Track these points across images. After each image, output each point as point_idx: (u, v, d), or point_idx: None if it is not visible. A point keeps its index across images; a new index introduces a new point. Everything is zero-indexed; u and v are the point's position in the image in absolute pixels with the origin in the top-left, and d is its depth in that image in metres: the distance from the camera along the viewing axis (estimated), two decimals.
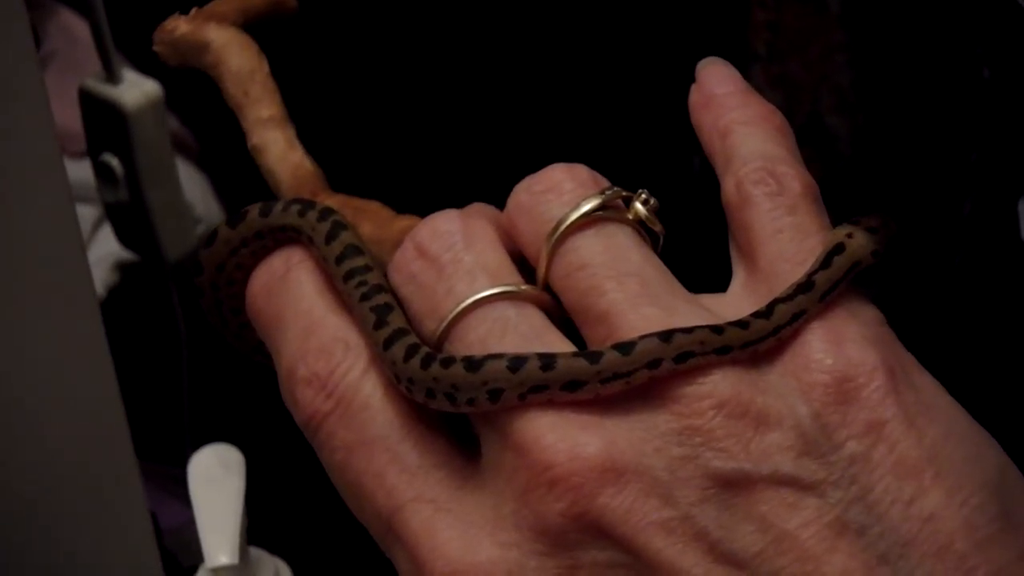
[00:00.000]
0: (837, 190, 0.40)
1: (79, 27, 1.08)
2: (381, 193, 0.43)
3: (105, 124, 0.88)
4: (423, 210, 0.39)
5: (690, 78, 0.43)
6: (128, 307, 1.03)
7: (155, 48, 0.46)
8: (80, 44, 1.05)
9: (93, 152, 0.91)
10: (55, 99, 0.60)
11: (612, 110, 1.01)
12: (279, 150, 0.43)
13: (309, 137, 0.44)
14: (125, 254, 0.99)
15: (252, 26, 0.45)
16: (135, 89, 0.87)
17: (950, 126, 0.92)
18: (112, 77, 0.86)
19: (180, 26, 0.45)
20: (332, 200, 0.43)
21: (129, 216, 0.91)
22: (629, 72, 1.00)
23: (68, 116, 0.88)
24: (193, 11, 0.46)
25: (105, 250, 1.04)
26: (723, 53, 0.43)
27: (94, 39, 0.85)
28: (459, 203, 0.40)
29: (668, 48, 0.96)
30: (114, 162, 0.89)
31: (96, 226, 1.05)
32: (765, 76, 0.95)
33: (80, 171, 0.93)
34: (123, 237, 0.95)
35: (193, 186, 1.05)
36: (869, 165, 0.95)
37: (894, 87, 0.95)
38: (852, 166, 0.95)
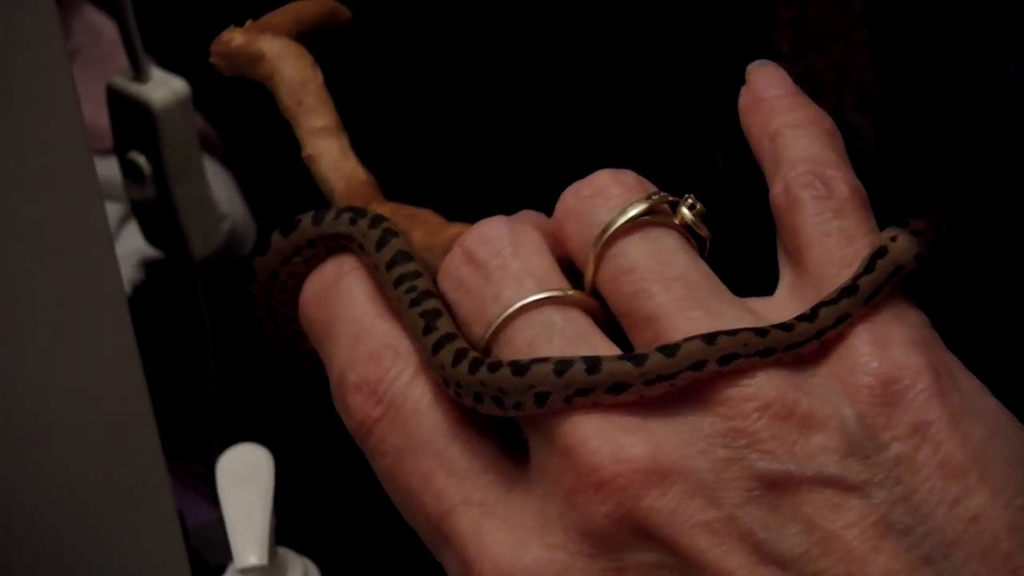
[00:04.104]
0: None
1: (103, 24, 1.09)
2: (434, 200, 0.43)
3: (133, 122, 0.88)
4: (475, 217, 0.39)
5: (714, 76, 0.43)
6: (153, 304, 1.03)
7: (211, 60, 0.46)
8: (104, 41, 1.05)
9: (120, 150, 0.91)
10: (80, 96, 0.60)
11: (637, 108, 1.01)
12: (333, 159, 0.43)
13: (363, 146, 0.44)
14: (150, 251, 0.99)
15: (306, 37, 0.45)
16: (163, 87, 0.87)
17: (975, 123, 0.92)
18: (140, 75, 0.87)
19: (235, 38, 0.45)
20: (384, 208, 0.43)
21: (156, 214, 0.92)
22: (654, 70, 1.00)
23: (92, 113, 0.88)
24: (248, 23, 0.46)
25: (130, 247, 1.04)
26: (746, 51, 0.43)
27: (122, 38, 0.86)
28: (509, 208, 0.40)
29: (692, 46, 0.96)
30: (141, 160, 0.89)
31: (122, 223, 1.05)
32: (789, 74, 0.94)
33: (105, 168, 0.93)
34: (150, 234, 0.95)
35: (218, 184, 1.06)
36: (893, 162, 0.95)
37: (918, 84, 0.95)
38: (876, 163, 0.95)
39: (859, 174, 0.40)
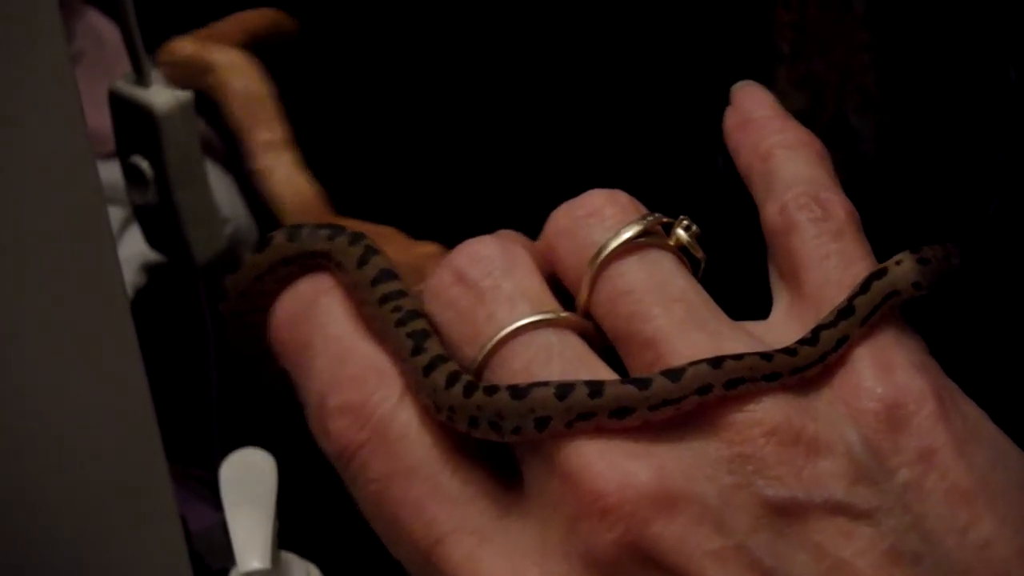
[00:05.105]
0: (861, 191, 0.40)
1: (106, 28, 1.08)
2: (386, 216, 0.43)
3: (135, 126, 0.88)
4: (432, 233, 0.39)
5: (714, 79, 0.43)
6: (155, 308, 1.03)
7: (158, 68, 0.45)
8: (107, 45, 1.05)
9: (122, 154, 0.91)
10: (82, 100, 0.60)
11: (638, 110, 1.01)
12: (284, 173, 0.42)
13: (314, 161, 0.43)
14: (152, 255, 0.99)
15: (257, 49, 0.44)
16: (165, 92, 0.87)
17: (976, 126, 0.92)
18: (142, 80, 0.86)
19: (186, 47, 0.45)
20: (344, 225, 0.42)
21: (158, 218, 0.92)
22: (655, 72, 1.00)
23: (95, 117, 0.88)
24: (196, 32, 0.45)
25: (132, 251, 1.04)
26: (748, 54, 0.43)
27: (124, 42, 0.85)
28: (471, 224, 0.39)
29: (694, 48, 0.96)
30: (143, 164, 0.89)
31: (123, 227, 1.05)
32: (790, 76, 0.94)
33: (107, 172, 0.93)
34: (152, 239, 0.95)
35: (220, 187, 1.05)
36: (895, 164, 0.95)
37: (919, 87, 0.95)
38: (877, 166, 0.95)
39: (860, 176, 0.40)
